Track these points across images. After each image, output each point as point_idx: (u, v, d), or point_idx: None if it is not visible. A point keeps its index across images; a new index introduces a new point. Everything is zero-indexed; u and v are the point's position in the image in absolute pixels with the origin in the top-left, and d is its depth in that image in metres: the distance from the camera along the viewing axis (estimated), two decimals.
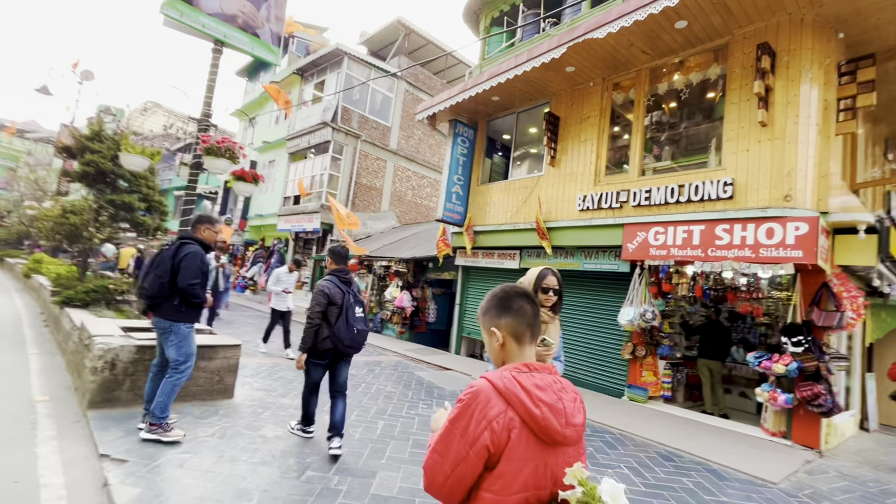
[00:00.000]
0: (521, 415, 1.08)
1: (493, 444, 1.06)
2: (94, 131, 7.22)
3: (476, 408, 1.08)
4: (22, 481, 2.70)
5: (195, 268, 3.45)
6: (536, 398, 1.10)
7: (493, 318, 1.26)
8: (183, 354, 3.47)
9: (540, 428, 1.09)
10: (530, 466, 1.08)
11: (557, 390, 1.15)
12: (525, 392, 1.09)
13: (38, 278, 9.91)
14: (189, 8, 4.77)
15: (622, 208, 6.71)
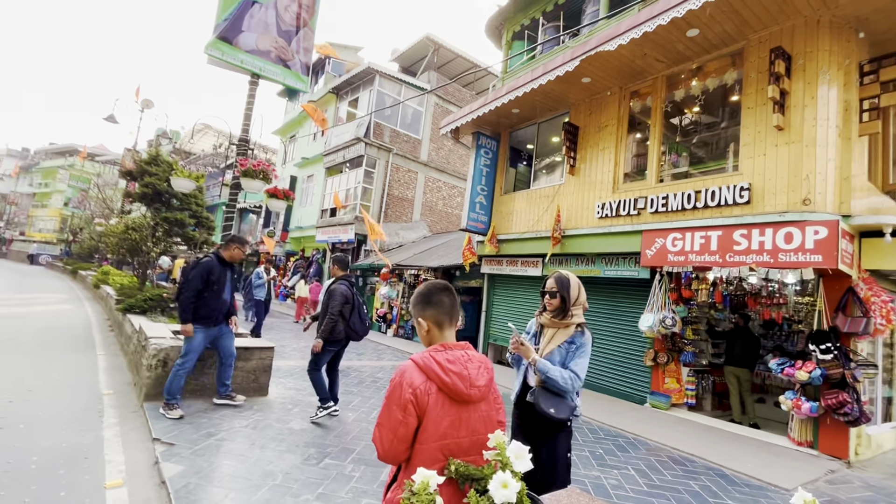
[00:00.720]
0: (436, 382, 1.40)
1: (418, 406, 1.37)
2: (151, 156, 8.08)
3: (403, 381, 1.40)
4: (91, 458, 3.22)
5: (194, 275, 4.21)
6: (447, 369, 1.41)
7: (420, 310, 1.58)
8: (184, 349, 4.24)
9: (450, 390, 1.40)
10: (447, 420, 1.39)
11: (464, 361, 1.45)
12: (438, 365, 1.41)
13: (105, 288, 11.03)
14: (229, 47, 5.39)
15: (640, 215, 6.76)
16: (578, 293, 2.44)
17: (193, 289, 4.19)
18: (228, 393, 4.58)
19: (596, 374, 7.57)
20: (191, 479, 2.95)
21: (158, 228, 8.00)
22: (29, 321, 8.48)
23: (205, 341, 4.35)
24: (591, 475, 3.86)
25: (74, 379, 5.07)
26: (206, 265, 4.28)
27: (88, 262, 21.02)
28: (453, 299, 1.58)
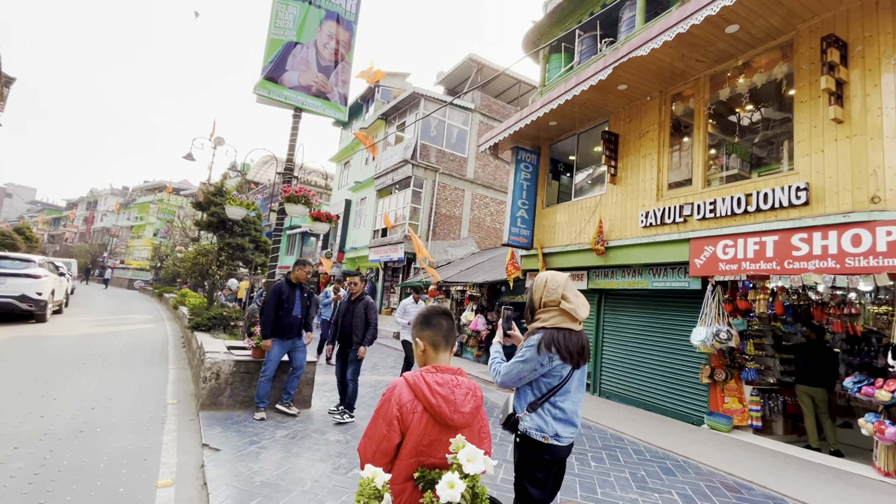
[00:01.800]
0: (422, 402, 1.45)
1: (403, 423, 1.44)
2: (217, 188, 8.93)
3: (392, 397, 1.47)
4: (149, 459, 3.59)
5: (268, 298, 4.76)
6: (434, 391, 1.46)
7: (418, 330, 1.65)
8: (265, 360, 4.79)
9: (435, 412, 1.44)
10: (428, 440, 1.44)
11: (452, 386, 1.49)
12: (427, 386, 1.46)
13: (182, 308, 12.20)
14: (275, 86, 5.93)
15: (687, 222, 6.40)
16: (543, 293, 2.07)
17: (270, 308, 4.78)
18: (289, 402, 4.99)
19: (645, 392, 7.15)
20: (230, 482, 3.19)
21: (222, 253, 8.76)
22: (118, 338, 9.58)
23: (281, 352, 4.89)
24: (627, 497, 3.66)
25: (147, 389, 5.66)
26: (277, 287, 4.86)
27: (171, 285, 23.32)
28: (451, 324, 1.64)
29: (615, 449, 4.99)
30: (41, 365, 6.45)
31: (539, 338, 1.99)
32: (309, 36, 6.16)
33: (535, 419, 2.02)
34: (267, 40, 6.00)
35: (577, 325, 2.06)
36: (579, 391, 2.09)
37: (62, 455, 3.53)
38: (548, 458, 2.02)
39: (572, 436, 2.06)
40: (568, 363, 2.00)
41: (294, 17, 6.08)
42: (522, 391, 2.07)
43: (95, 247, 50.02)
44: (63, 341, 8.63)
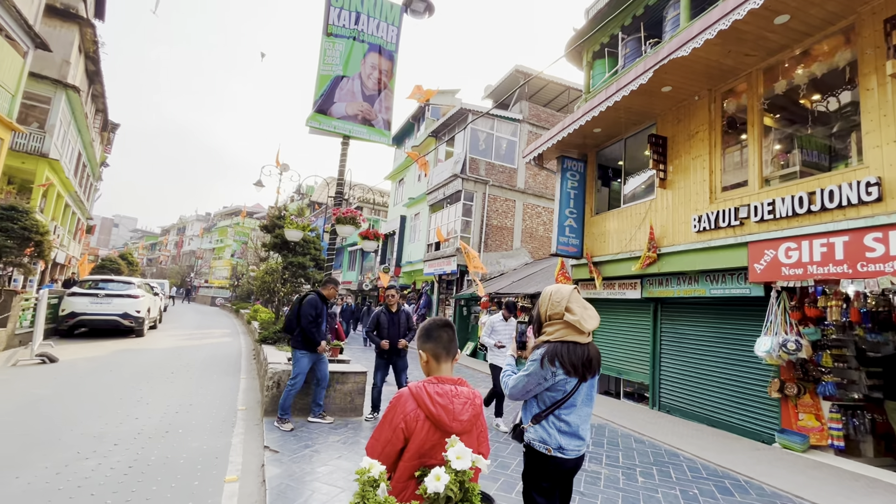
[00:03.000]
0: (424, 411, 1.60)
1: (407, 430, 1.61)
2: (279, 212, 9.75)
3: (398, 406, 1.65)
4: (219, 458, 4.05)
5: (307, 312, 5.03)
6: (435, 401, 1.60)
7: (421, 342, 1.79)
8: (294, 372, 4.99)
9: (435, 420, 1.58)
10: (429, 444, 1.58)
11: (451, 396, 1.62)
12: (428, 396, 1.61)
13: (254, 323, 13.30)
14: (324, 117, 6.47)
15: (744, 225, 6.03)
16: (548, 306, 2.09)
17: (309, 317, 5.09)
18: (321, 413, 5.28)
19: (709, 406, 6.73)
20: (284, 480, 3.53)
21: (286, 272, 9.51)
22: (200, 351, 10.66)
23: (309, 364, 5.17)
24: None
25: (221, 397, 6.31)
26: (312, 300, 5.18)
27: (246, 302, 25.35)
28: (451, 335, 1.74)
29: (668, 465, 4.78)
30: (138, 374, 7.40)
31: (542, 352, 2.01)
32: (354, 69, 6.67)
33: (538, 431, 2.04)
34: (317, 76, 6.58)
35: (584, 338, 2.04)
36: (587, 405, 2.10)
37: (151, 452, 4.08)
38: (552, 470, 2.04)
39: (579, 449, 2.06)
40: (573, 376, 1.99)
41: (340, 52, 6.62)
42: (529, 402, 2.12)
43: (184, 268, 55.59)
44: (156, 353, 9.78)
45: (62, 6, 15.86)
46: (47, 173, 15.83)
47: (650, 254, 7.25)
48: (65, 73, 16.02)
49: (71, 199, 21.44)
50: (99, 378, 6.90)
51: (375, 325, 5.57)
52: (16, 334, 9.53)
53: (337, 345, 6.90)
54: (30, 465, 3.59)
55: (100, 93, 22.25)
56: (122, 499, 3.17)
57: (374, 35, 6.83)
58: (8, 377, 6.67)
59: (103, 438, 4.32)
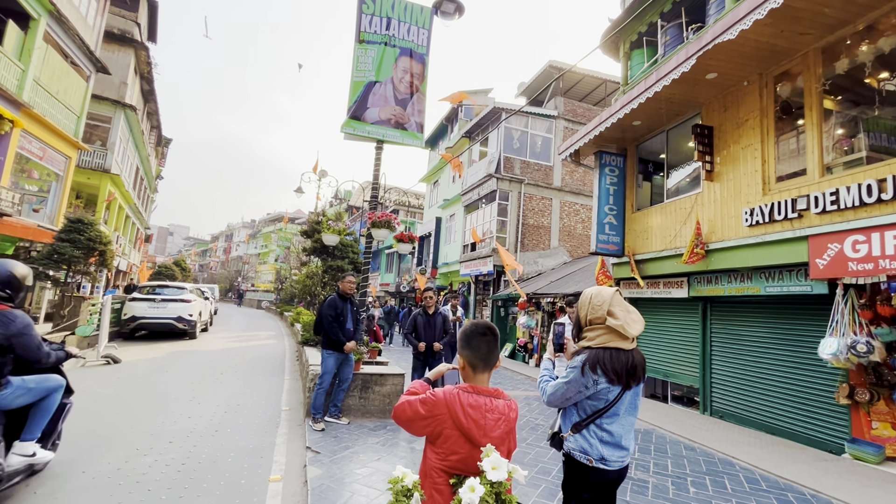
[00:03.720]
0: (452, 419, 1.54)
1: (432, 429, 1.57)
2: (316, 217, 10.01)
3: (433, 402, 1.61)
4: (264, 457, 4.18)
5: (325, 313, 5.23)
6: (466, 413, 1.53)
7: (461, 348, 1.72)
8: (321, 371, 5.15)
9: (464, 432, 1.53)
10: (458, 455, 1.53)
11: (484, 410, 1.55)
12: (460, 406, 1.55)
13: (297, 325, 13.73)
14: (359, 123, 6.58)
15: (803, 217, 5.59)
16: (588, 310, 1.98)
17: (328, 318, 5.20)
18: (337, 414, 5.34)
19: (766, 412, 6.29)
20: (325, 481, 3.59)
21: (325, 275, 9.75)
22: (247, 353, 11.13)
23: (336, 364, 5.25)
24: None
25: (266, 397, 6.53)
26: (331, 301, 5.28)
27: (290, 304, 26.26)
28: (491, 345, 1.64)
29: (722, 475, 4.49)
30: (191, 374, 7.80)
31: (583, 359, 1.90)
32: (386, 73, 6.74)
33: (578, 440, 1.94)
34: (350, 83, 6.70)
35: (628, 343, 1.92)
36: (631, 413, 1.98)
37: (202, 450, 4.27)
38: (594, 482, 1.93)
39: (622, 460, 1.94)
40: (616, 385, 1.88)
41: (373, 58, 6.71)
42: (568, 409, 2.03)
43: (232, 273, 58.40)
44: (207, 355, 10.29)
45: (119, 31, 17.07)
46: (110, 187, 17.06)
47: (698, 250, 6.87)
48: (123, 94, 17.22)
49: (131, 210, 23.01)
50: (156, 378, 7.33)
51: (413, 327, 5.60)
52: (84, 337, 10.30)
53: (375, 347, 6.99)
54: (95, 461, 3.85)
55: (154, 110, 23.77)
56: (176, 495, 3.33)
57: (404, 39, 6.88)
58: (77, 377, 7.20)
59: (159, 436, 4.56)
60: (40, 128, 11.17)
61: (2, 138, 9.66)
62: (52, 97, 11.59)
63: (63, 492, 3.27)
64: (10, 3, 9.95)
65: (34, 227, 11.16)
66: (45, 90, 11.27)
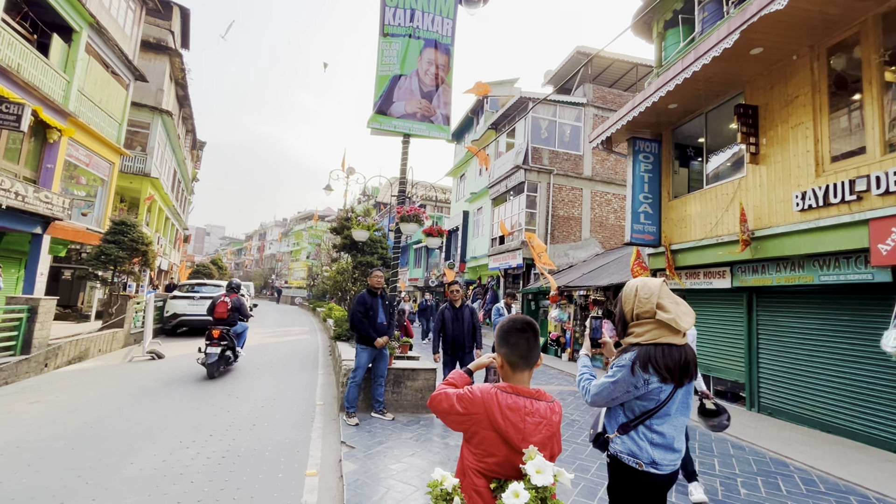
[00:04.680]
0: (490, 420, 1.45)
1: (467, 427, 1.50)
2: (345, 214, 10.10)
3: (469, 399, 1.52)
4: (300, 451, 4.23)
5: (354, 309, 5.30)
6: (504, 415, 1.43)
7: (498, 345, 1.62)
8: (354, 366, 5.20)
9: (501, 434, 1.43)
10: (495, 458, 1.44)
11: (524, 414, 1.44)
12: (498, 407, 1.45)
13: (329, 321, 13.97)
14: (385, 118, 6.54)
15: (862, 200, 5.17)
16: (635, 304, 1.84)
17: (358, 315, 5.24)
18: (381, 409, 5.34)
19: (822, 409, 5.90)
20: (360, 476, 3.59)
21: (356, 271, 9.83)
22: (281, 348, 11.40)
23: (369, 359, 5.27)
24: None
25: (301, 392, 6.65)
26: (360, 297, 5.32)
27: (322, 300, 26.82)
28: (531, 343, 1.54)
29: (775, 475, 4.23)
30: (229, 369, 8.04)
31: (633, 357, 1.75)
32: (411, 66, 6.66)
33: (626, 443, 1.80)
34: (376, 78, 6.66)
35: (680, 339, 1.76)
36: (683, 413, 1.83)
37: (241, 443, 4.37)
38: (643, 487, 1.80)
39: (674, 463, 1.80)
40: (668, 383, 1.74)
41: (397, 52, 6.64)
42: (614, 409, 1.90)
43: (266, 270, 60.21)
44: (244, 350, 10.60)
45: (154, 40, 17.72)
46: (150, 190, 17.82)
47: (744, 237, 6.49)
48: (160, 100, 17.90)
49: (170, 212, 24.00)
50: (196, 373, 7.59)
51: (441, 322, 5.52)
52: (131, 333, 10.82)
53: (406, 341, 6.98)
54: (141, 452, 3.99)
55: (188, 115, 24.64)
56: (217, 487, 3.40)
57: (429, 30, 6.78)
58: (125, 372, 7.55)
59: (201, 429, 4.70)
60: (85, 135, 11.74)
61: (51, 147, 10.20)
62: (95, 106, 12.15)
63: (114, 482, 3.40)
64: (54, 17, 10.45)
65: (83, 230, 11.79)
66: (89, 99, 11.83)
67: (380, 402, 5.36)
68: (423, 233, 6.49)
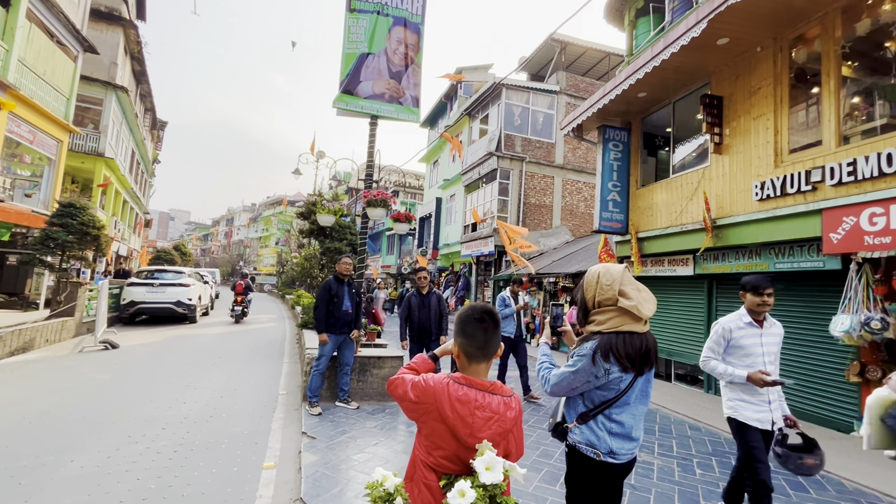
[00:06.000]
0: (438, 411, 1.37)
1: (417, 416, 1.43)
2: (315, 198, 9.79)
3: (422, 388, 1.43)
4: (259, 443, 4.08)
5: (319, 295, 5.16)
6: (453, 407, 1.35)
7: (455, 335, 1.54)
8: (318, 354, 5.09)
9: (449, 427, 1.35)
10: (443, 452, 1.37)
11: (474, 407, 1.36)
12: (448, 399, 1.37)
13: (297, 308, 13.66)
14: (351, 98, 6.29)
15: (817, 190, 5.34)
16: (596, 290, 1.79)
17: (322, 305, 5.08)
18: (345, 398, 5.24)
19: None
20: (320, 468, 3.48)
21: (323, 257, 9.58)
22: (247, 336, 11.06)
23: (333, 347, 5.15)
24: None
25: (264, 381, 6.44)
26: (325, 284, 5.16)
27: (291, 287, 26.24)
28: (488, 334, 1.47)
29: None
30: (189, 359, 7.72)
31: (594, 346, 1.71)
32: (379, 45, 6.41)
33: (585, 433, 1.77)
34: (342, 55, 6.37)
35: (641, 326, 1.74)
36: (642, 402, 1.80)
37: (196, 436, 4.17)
38: (601, 476, 1.77)
39: (631, 452, 1.78)
40: (629, 372, 1.71)
41: (365, 29, 6.36)
42: (573, 399, 1.86)
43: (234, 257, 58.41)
44: (206, 339, 10.22)
45: (106, 9, 16.53)
46: (105, 171, 16.79)
47: (707, 226, 6.64)
48: (113, 75, 16.78)
49: (128, 195, 22.78)
50: (153, 363, 7.25)
51: (408, 309, 5.44)
52: (83, 322, 10.24)
53: (374, 329, 6.87)
54: (85, 449, 3.75)
55: (147, 92, 23.27)
56: (165, 483, 3.23)
57: (398, 8, 6.52)
58: (74, 363, 7.13)
59: (153, 422, 4.47)
60: (28, 110, 10.87)
61: None
62: (39, 78, 11.25)
63: (50, 482, 3.17)
64: None
65: (28, 212, 10.99)
66: (32, 71, 10.93)
67: (345, 390, 5.24)
68: (390, 218, 6.33)
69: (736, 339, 2.88)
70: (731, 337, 2.89)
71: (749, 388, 2.83)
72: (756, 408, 2.82)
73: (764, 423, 2.78)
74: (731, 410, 2.88)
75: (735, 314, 2.97)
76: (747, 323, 2.87)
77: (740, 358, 2.87)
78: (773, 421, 2.82)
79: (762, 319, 2.88)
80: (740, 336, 2.86)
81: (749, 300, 2.87)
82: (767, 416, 2.81)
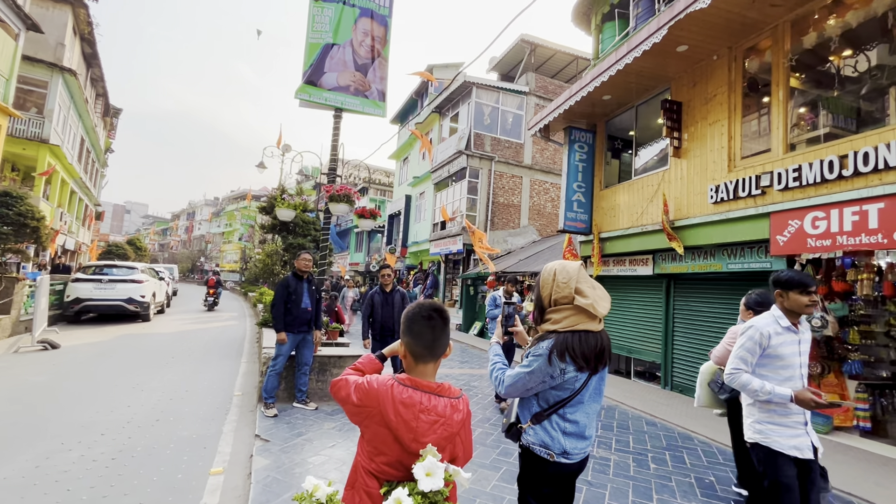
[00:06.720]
0: (381, 415, 1.30)
1: (360, 419, 1.35)
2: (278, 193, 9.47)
3: (365, 391, 1.35)
4: (208, 447, 3.88)
5: (276, 293, 5.04)
6: (396, 410, 1.28)
7: (402, 333, 1.46)
8: (274, 353, 4.95)
9: (392, 432, 1.28)
10: (386, 458, 1.30)
11: (418, 411, 1.29)
12: (391, 402, 1.29)
13: (259, 306, 13.20)
14: (314, 89, 6.10)
15: (766, 194, 5.60)
16: (553, 288, 1.76)
17: (280, 302, 4.91)
18: (303, 399, 5.09)
19: None
20: (272, 472, 3.34)
21: (286, 254, 9.28)
22: (204, 335, 10.59)
23: (292, 346, 4.98)
24: None
25: (218, 382, 6.17)
26: (283, 281, 4.99)
27: (255, 285, 25.39)
28: (437, 332, 1.40)
29: (682, 449, 4.53)
30: (138, 359, 7.30)
31: (550, 345, 1.67)
32: (345, 36, 6.25)
33: (539, 434, 1.74)
34: (306, 45, 6.18)
35: (597, 324, 1.72)
36: (595, 400, 1.79)
37: (138, 442, 3.92)
38: (553, 476, 1.75)
39: (584, 451, 1.77)
40: (584, 371, 1.69)
41: (330, 18, 6.19)
42: (527, 398, 1.83)
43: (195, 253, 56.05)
44: (160, 338, 9.72)
45: None
46: (49, 159, 15.69)
47: (667, 228, 6.84)
48: (60, 57, 15.69)
49: (77, 185, 21.40)
50: (98, 364, 6.81)
51: (370, 307, 5.32)
52: (20, 321, 9.52)
53: (336, 327, 6.70)
54: (11, 458, 3.45)
55: (98, 76, 21.92)
56: (100, 494, 3.00)
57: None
58: (7, 364, 6.60)
59: (91, 428, 4.17)
60: None
61: None
62: None
63: None
64: None
65: None
66: None
67: (303, 391, 5.08)
68: (355, 214, 6.19)
69: (774, 346, 2.28)
70: (770, 344, 2.29)
71: (781, 405, 2.25)
72: (791, 431, 2.25)
73: (803, 451, 2.22)
74: (760, 435, 2.29)
75: (769, 316, 2.36)
76: (786, 327, 2.29)
77: (775, 370, 2.29)
78: (813, 446, 2.26)
79: (799, 322, 2.34)
80: (779, 343, 2.28)
81: (793, 300, 2.27)
82: (805, 440, 2.25)
